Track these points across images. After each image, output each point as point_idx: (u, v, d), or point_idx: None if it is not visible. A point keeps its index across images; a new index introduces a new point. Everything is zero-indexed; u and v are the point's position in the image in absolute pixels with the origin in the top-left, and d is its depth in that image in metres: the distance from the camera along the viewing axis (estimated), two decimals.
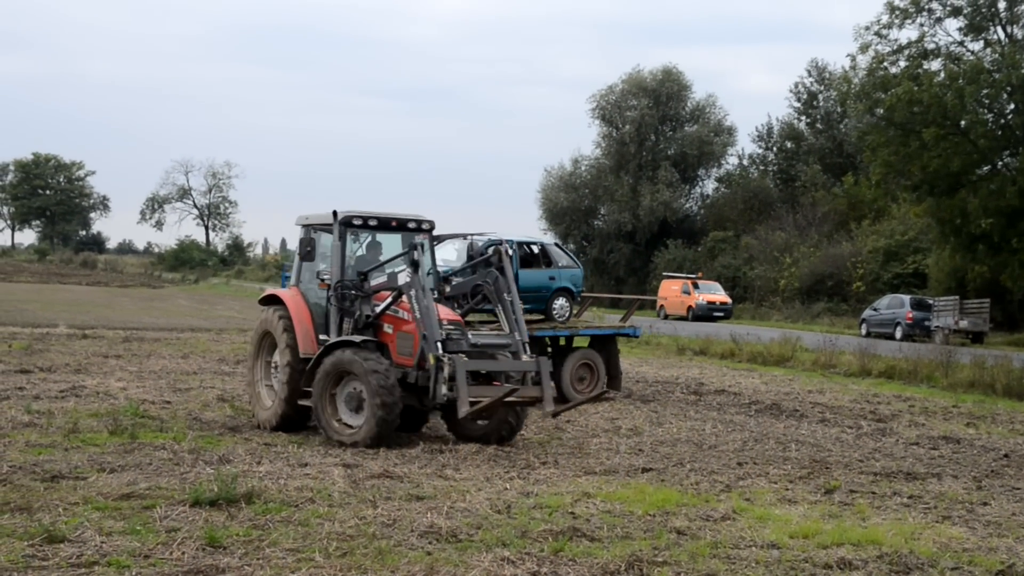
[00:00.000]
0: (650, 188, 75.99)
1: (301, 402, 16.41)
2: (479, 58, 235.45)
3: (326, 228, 17.19)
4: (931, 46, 48.37)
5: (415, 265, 15.97)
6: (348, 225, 16.84)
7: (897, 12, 48.07)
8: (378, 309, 16.40)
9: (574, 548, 9.93)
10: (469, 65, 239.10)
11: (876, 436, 17.84)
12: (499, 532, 10.42)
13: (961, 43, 48.15)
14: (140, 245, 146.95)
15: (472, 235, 23.46)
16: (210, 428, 16.56)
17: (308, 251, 16.88)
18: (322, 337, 16.61)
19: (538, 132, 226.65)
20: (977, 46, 47.88)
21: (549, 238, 44.70)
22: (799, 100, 79.76)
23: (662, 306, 58.04)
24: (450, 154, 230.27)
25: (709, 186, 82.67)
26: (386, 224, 17.25)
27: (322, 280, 16.75)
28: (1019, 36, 47.09)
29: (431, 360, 15.45)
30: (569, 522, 10.88)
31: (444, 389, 15.35)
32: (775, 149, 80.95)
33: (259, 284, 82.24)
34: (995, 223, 45.72)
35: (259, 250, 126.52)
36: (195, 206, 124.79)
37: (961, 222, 46.45)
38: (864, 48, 49.24)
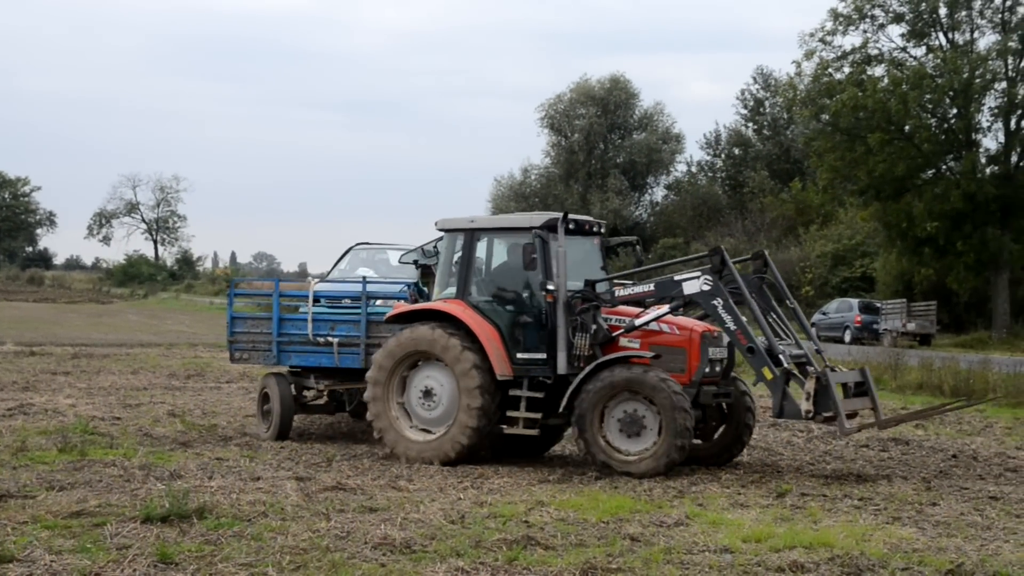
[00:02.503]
0: (600, 196, 76.20)
1: (509, 430, 15.04)
2: (423, 70, 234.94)
3: (496, 233, 15.82)
4: (875, 52, 48.95)
5: (719, 272, 14.74)
6: (553, 230, 15.12)
7: (841, 19, 48.59)
8: (637, 322, 14.80)
9: (528, 557, 9.91)
10: (413, 76, 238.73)
11: (826, 439, 17.94)
12: (453, 542, 10.39)
13: (904, 49, 48.73)
14: (88, 261, 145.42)
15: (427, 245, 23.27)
16: (161, 444, 16.43)
17: (534, 259, 14.70)
18: (521, 356, 15.01)
19: (486, 142, 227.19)
20: (920, 52, 48.51)
21: None
22: (746, 107, 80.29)
23: None
24: (398, 165, 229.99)
25: (658, 193, 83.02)
26: (581, 228, 15.76)
27: (548, 291, 14.85)
28: (960, 42, 47.64)
29: (767, 375, 14.42)
30: (523, 531, 10.85)
31: (807, 405, 14.22)
32: (723, 156, 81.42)
33: (209, 298, 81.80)
34: (940, 226, 46.25)
35: (209, 264, 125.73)
36: (143, 220, 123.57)
37: (907, 226, 46.96)
38: (809, 55, 49.76)
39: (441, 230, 16.11)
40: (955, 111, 47.42)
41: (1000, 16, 47.09)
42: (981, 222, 46.66)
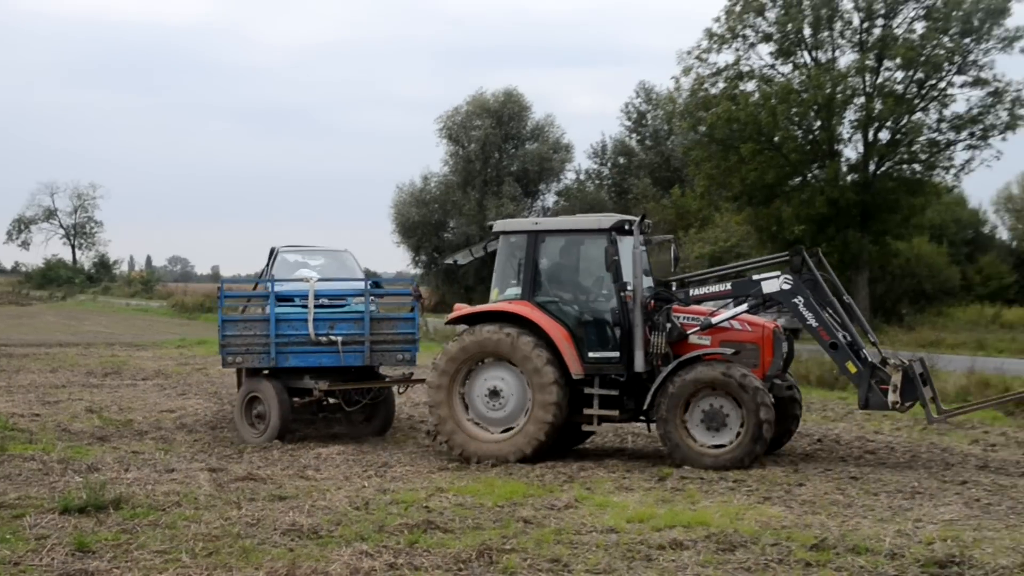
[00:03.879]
0: (495, 202, 76.20)
1: (588, 427, 14.81)
2: (326, 81, 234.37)
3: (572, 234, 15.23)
4: (746, 69, 49.45)
5: (798, 271, 14.53)
6: (621, 231, 14.77)
7: (715, 38, 49.09)
8: (714, 320, 14.54)
9: (428, 540, 9.92)
10: (318, 87, 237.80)
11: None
12: (358, 527, 10.36)
13: (773, 66, 49.31)
14: (7, 264, 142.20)
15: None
16: (79, 438, 16.13)
17: (615, 260, 14.25)
18: (593, 355, 14.55)
19: (388, 151, 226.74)
20: (787, 69, 49.08)
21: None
22: (629, 119, 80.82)
23: None
24: (305, 171, 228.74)
25: (550, 199, 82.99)
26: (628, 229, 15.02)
27: (627, 292, 14.42)
28: (823, 60, 48.41)
29: (851, 369, 14.21)
30: (424, 515, 10.85)
31: (894, 396, 13.95)
32: (609, 164, 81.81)
33: (125, 300, 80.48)
34: (807, 229, 46.91)
35: (125, 267, 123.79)
36: (61, 226, 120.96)
37: (776, 229, 47.56)
38: (687, 71, 50.17)
39: (500, 232, 15.54)
40: (819, 123, 48.10)
41: (858, 36, 47.87)
42: (843, 225, 47.42)
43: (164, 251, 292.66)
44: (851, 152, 49.81)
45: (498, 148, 79.30)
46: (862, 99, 47.39)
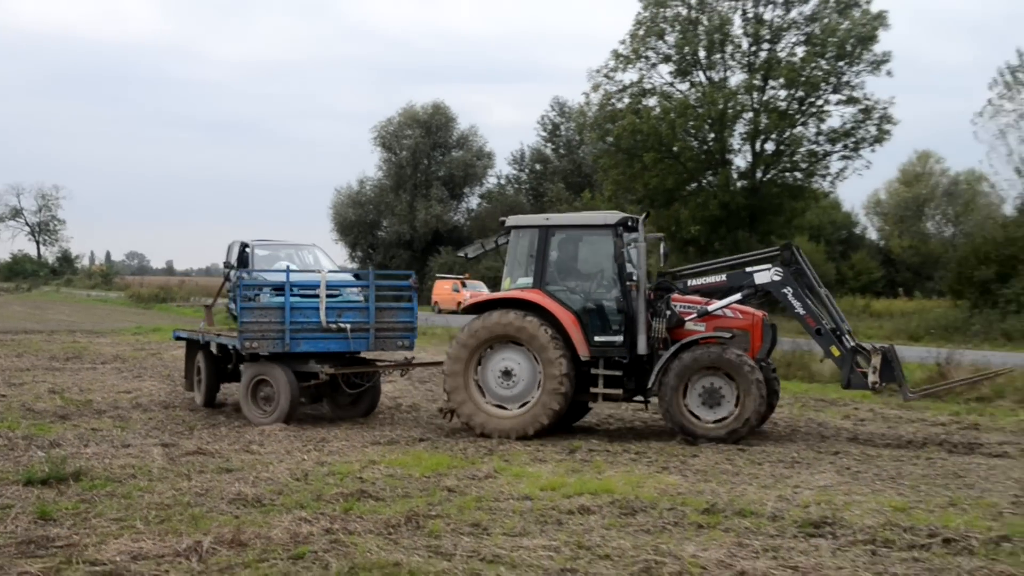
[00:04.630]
0: (424, 204, 76.14)
1: (594, 404, 14.71)
2: (269, 94, 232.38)
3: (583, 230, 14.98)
4: (649, 86, 49.87)
5: (788, 264, 14.43)
6: (627, 227, 14.59)
7: (621, 58, 49.41)
8: (710, 308, 14.41)
9: (362, 507, 9.85)
10: (262, 100, 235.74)
11: (609, 404, 18.21)
12: (298, 496, 10.26)
13: (672, 84, 49.76)
14: None
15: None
16: (42, 417, 15.79)
17: (623, 252, 14.20)
18: (599, 339, 14.35)
19: (327, 158, 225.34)
20: (684, 87, 49.58)
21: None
22: (545, 130, 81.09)
23: (436, 302, 58.01)
24: (251, 176, 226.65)
25: (474, 201, 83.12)
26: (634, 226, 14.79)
27: (632, 282, 14.22)
28: (716, 79, 48.90)
29: (835, 353, 14.05)
30: (358, 485, 10.77)
31: (874, 377, 13.87)
32: (527, 171, 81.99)
33: (87, 291, 79.10)
34: (702, 230, 47.43)
35: (86, 261, 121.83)
36: (27, 224, 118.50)
37: (676, 229, 47.98)
38: (596, 87, 50.49)
39: (512, 227, 15.17)
40: (712, 135, 48.63)
41: (747, 59, 48.44)
42: (734, 226, 48.02)
43: (122, 247, 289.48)
44: (741, 161, 50.49)
45: (427, 155, 79.19)
46: (750, 114, 48.03)
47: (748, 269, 14.80)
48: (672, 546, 8.48)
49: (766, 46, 47.98)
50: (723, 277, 14.99)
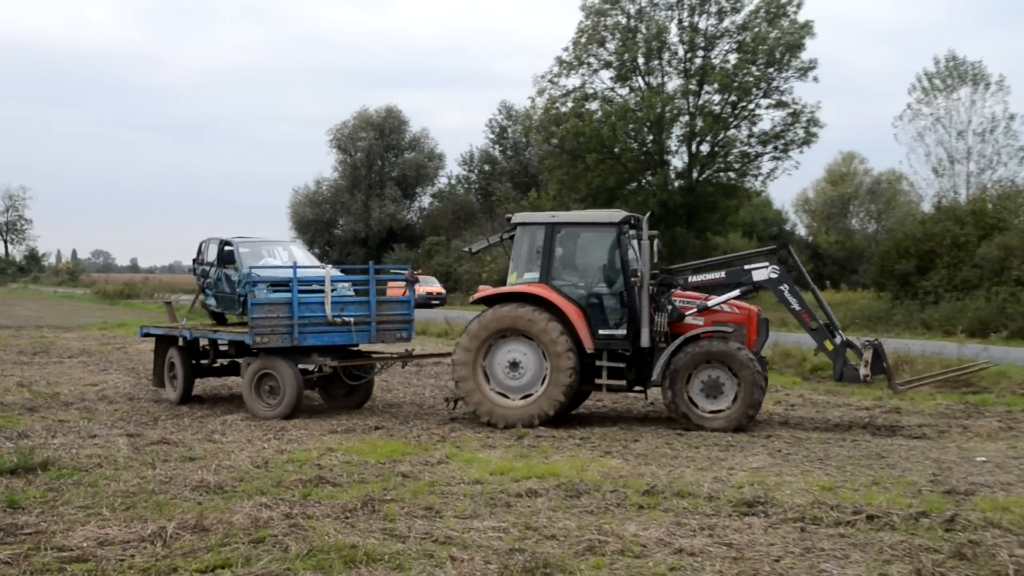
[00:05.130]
0: (379, 203, 75.88)
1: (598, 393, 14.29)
2: (228, 98, 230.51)
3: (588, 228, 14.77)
4: (591, 91, 50.00)
5: (784, 262, 14.32)
6: (630, 225, 14.41)
7: (565, 64, 49.53)
8: (709, 303, 14.28)
9: (320, 493, 9.81)
10: (220, 104, 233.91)
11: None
12: (258, 483, 10.20)
13: (613, 89, 49.96)
14: None
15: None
16: (10, 409, 15.55)
17: (628, 249, 14.09)
18: (603, 332, 14.19)
19: (285, 159, 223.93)
20: (624, 91, 49.80)
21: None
22: (493, 132, 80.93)
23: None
24: (213, 176, 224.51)
25: (426, 200, 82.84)
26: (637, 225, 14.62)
27: (636, 278, 14.05)
28: (654, 84, 49.14)
29: (828, 347, 13.90)
30: (316, 472, 10.72)
31: (865, 370, 13.77)
32: (476, 171, 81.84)
33: (53, 288, 77.91)
34: None
35: (53, 259, 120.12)
36: None
37: None
38: (541, 92, 50.56)
39: (518, 224, 14.93)
40: (651, 138, 48.91)
41: (683, 65, 48.76)
42: (672, 223, 48.28)
43: (88, 245, 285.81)
44: (678, 162, 50.80)
45: (380, 156, 78.93)
46: (687, 117, 48.34)
47: (746, 267, 14.76)
48: (614, 526, 8.53)
49: (701, 53, 48.32)
50: (722, 274, 14.93)
